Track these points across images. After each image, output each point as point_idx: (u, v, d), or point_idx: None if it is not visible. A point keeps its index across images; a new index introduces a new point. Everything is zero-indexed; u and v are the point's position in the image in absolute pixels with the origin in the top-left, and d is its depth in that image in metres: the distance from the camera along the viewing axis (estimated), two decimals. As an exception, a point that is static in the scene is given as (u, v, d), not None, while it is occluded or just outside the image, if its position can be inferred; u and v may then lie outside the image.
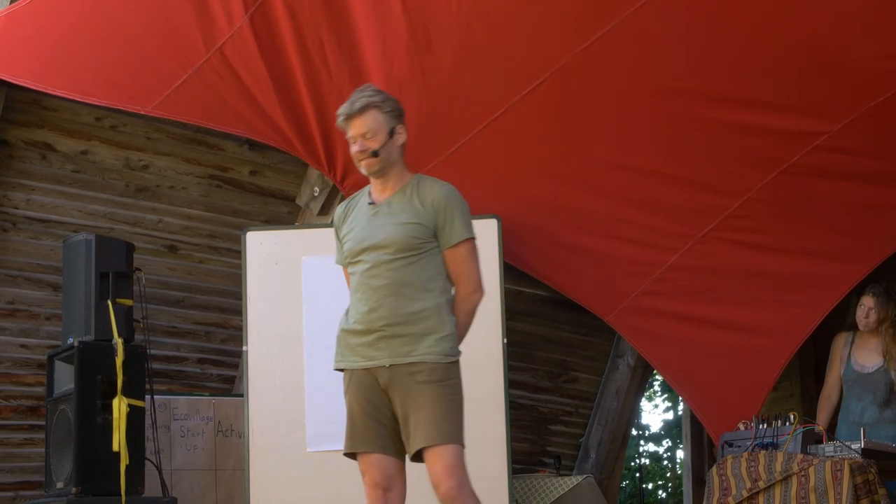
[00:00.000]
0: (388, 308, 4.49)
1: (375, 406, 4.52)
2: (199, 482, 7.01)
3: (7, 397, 6.92)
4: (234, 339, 7.47)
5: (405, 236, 4.53)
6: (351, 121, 4.59)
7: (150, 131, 7.09)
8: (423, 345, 4.48)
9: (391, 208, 4.60)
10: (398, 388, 4.48)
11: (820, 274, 7.74)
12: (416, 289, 4.52)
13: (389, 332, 4.49)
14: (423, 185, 4.65)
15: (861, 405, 7.03)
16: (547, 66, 6.53)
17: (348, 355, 4.58)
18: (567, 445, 8.95)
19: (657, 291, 7.79)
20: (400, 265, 4.52)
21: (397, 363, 4.48)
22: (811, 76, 6.54)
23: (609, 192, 7.34)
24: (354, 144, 4.60)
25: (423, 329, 4.49)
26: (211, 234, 7.44)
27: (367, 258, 4.55)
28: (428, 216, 4.58)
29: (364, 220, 4.63)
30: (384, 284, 4.50)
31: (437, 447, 4.42)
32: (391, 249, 4.52)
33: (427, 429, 4.43)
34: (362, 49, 6.42)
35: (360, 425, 4.54)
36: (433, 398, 4.45)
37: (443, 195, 4.61)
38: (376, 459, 4.53)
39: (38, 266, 6.91)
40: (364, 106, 4.58)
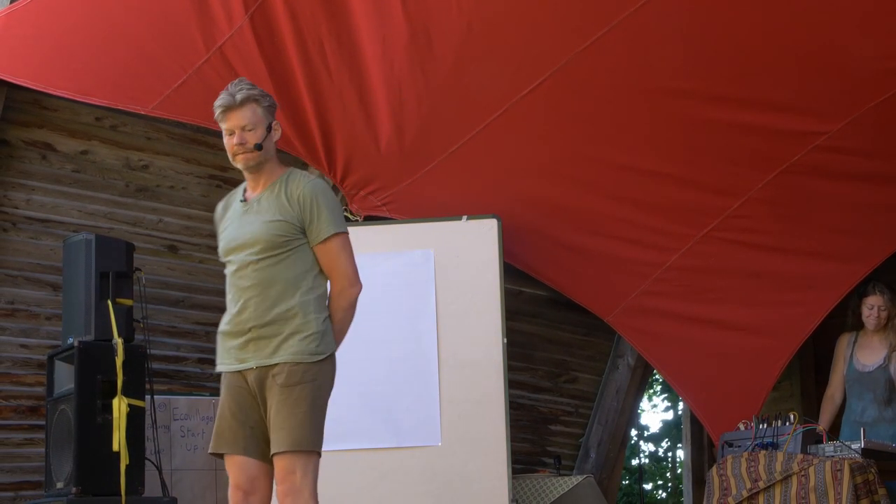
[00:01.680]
0: (254, 309, 4.45)
1: (242, 408, 4.49)
2: (199, 482, 7.01)
3: (7, 397, 6.92)
4: (234, 339, 7.46)
5: (270, 234, 4.48)
6: (230, 113, 4.52)
7: (151, 131, 7.10)
8: (286, 345, 4.44)
9: (260, 206, 4.56)
10: (265, 390, 4.46)
11: (820, 274, 7.74)
12: (281, 288, 4.47)
13: (256, 333, 4.45)
14: (292, 180, 4.59)
15: (861, 404, 7.04)
16: (547, 65, 6.52)
17: (223, 357, 4.55)
18: (567, 445, 8.95)
19: (657, 291, 7.79)
20: (266, 264, 4.47)
21: (262, 365, 4.45)
22: (811, 76, 6.54)
23: (609, 192, 7.33)
24: (232, 137, 4.53)
25: (289, 329, 4.45)
26: (211, 234, 7.39)
27: (236, 258, 4.52)
28: (294, 212, 4.52)
29: (236, 219, 4.60)
30: (250, 285, 4.47)
31: (283, 454, 4.40)
32: (256, 248, 4.48)
33: (278, 435, 4.41)
34: (362, 49, 6.41)
35: (225, 427, 4.50)
36: (287, 402, 4.41)
37: (308, 190, 4.54)
38: (239, 461, 4.49)
39: (39, 266, 6.91)
40: (245, 98, 4.52)
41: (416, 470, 6.43)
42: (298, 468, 4.39)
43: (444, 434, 6.67)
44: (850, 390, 7.16)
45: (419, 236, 6.89)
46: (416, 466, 6.46)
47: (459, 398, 6.69)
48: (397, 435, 6.53)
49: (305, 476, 4.41)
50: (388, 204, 7.20)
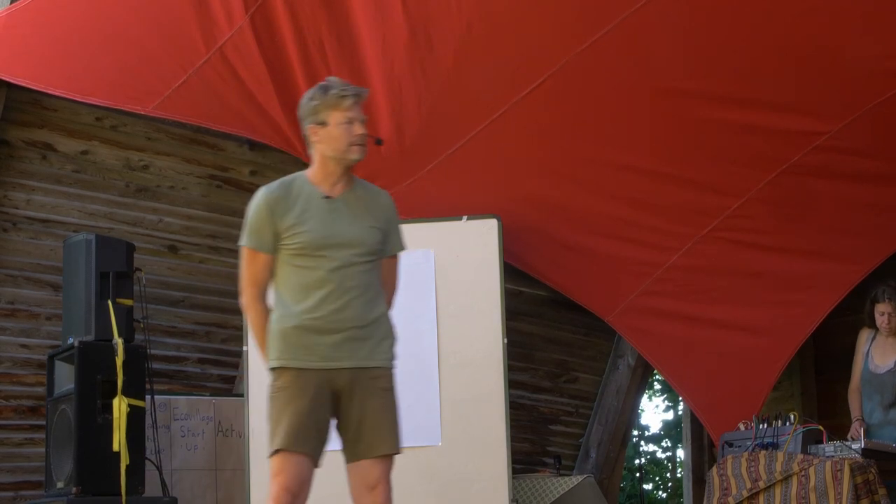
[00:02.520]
0: (357, 309, 4.45)
1: (318, 409, 4.44)
2: (199, 482, 7.01)
3: (7, 397, 6.91)
4: (235, 339, 7.46)
5: (372, 240, 4.52)
6: (358, 105, 4.53)
7: (151, 131, 7.10)
8: (381, 349, 4.50)
9: (349, 206, 4.53)
10: (357, 392, 4.45)
11: (820, 274, 7.75)
12: (375, 293, 4.52)
13: (355, 334, 4.45)
14: (371, 188, 4.66)
15: (870, 405, 7.01)
16: (547, 66, 6.53)
17: (300, 354, 4.45)
18: (567, 445, 8.95)
19: (657, 291, 7.80)
20: (366, 268, 4.49)
21: (359, 366, 4.45)
22: (811, 76, 6.54)
23: (609, 192, 7.34)
24: (353, 125, 4.50)
25: (381, 333, 4.51)
26: (211, 234, 7.44)
27: (336, 255, 4.46)
28: (382, 222, 4.58)
29: (321, 214, 4.51)
30: (355, 285, 4.45)
31: (389, 456, 4.49)
32: (360, 250, 4.49)
33: (389, 437, 4.47)
34: (362, 49, 6.42)
35: (302, 425, 4.42)
36: (391, 406, 4.51)
37: (391, 204, 4.65)
38: (300, 462, 4.42)
39: (39, 266, 6.91)
40: (365, 95, 4.57)
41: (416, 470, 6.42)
42: (391, 469, 4.52)
43: (444, 434, 6.68)
44: (863, 390, 7.12)
45: (419, 236, 6.87)
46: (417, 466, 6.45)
47: (460, 398, 6.69)
48: (397, 435, 6.53)
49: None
50: (387, 204, 7.20)
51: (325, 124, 4.51)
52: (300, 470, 4.43)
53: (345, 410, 4.48)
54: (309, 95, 4.57)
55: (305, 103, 4.56)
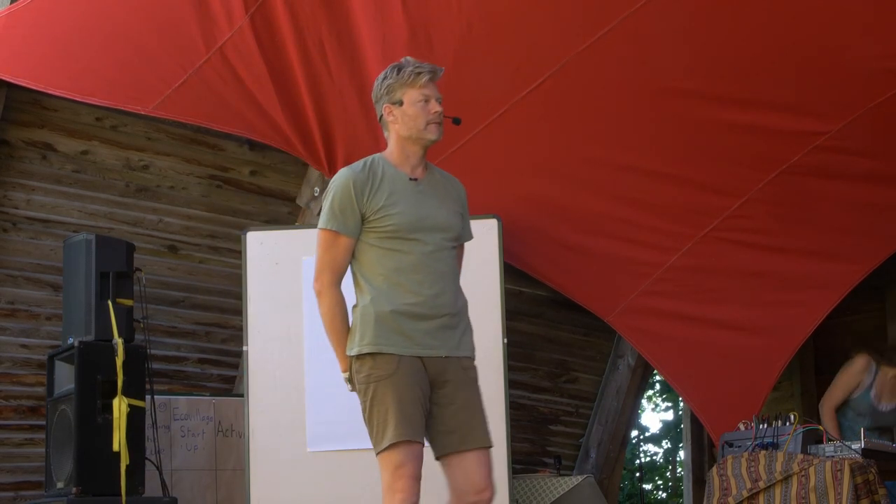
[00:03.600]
0: (451, 295, 4.36)
1: (424, 396, 4.31)
2: (199, 482, 7.01)
3: (7, 397, 6.92)
4: (235, 339, 7.47)
5: (458, 226, 4.46)
6: (432, 82, 4.45)
7: (151, 131, 7.10)
8: (466, 339, 4.41)
9: (434, 190, 4.44)
10: (451, 381, 4.34)
11: (820, 274, 7.75)
12: (458, 280, 4.45)
13: (448, 321, 4.34)
14: (445, 174, 4.56)
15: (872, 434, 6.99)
16: (547, 66, 6.53)
17: (399, 339, 4.30)
18: (567, 445, 8.95)
19: (657, 291, 7.80)
20: (453, 254, 4.43)
21: (452, 355, 4.35)
22: (811, 76, 6.55)
23: (609, 192, 7.34)
24: (430, 103, 4.44)
25: (465, 322, 4.43)
26: (211, 234, 7.44)
27: (428, 238, 4.34)
28: (461, 209, 4.52)
29: (411, 196, 4.39)
30: (447, 270, 4.37)
31: (487, 450, 4.37)
32: (449, 234, 4.40)
33: (483, 428, 4.37)
34: (363, 49, 6.42)
35: (412, 413, 4.26)
36: (479, 398, 4.42)
37: (465, 192, 4.57)
38: (419, 451, 4.26)
39: (39, 266, 6.91)
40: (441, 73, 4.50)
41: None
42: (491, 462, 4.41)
43: (444, 434, 6.67)
44: (859, 417, 7.09)
45: (419, 236, 6.88)
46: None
47: (460, 398, 6.68)
48: (397, 435, 6.52)
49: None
50: (388, 204, 7.19)
51: (400, 103, 4.43)
52: (420, 459, 4.27)
53: (437, 401, 4.34)
54: (383, 76, 4.48)
55: (379, 84, 4.47)
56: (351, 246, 4.40)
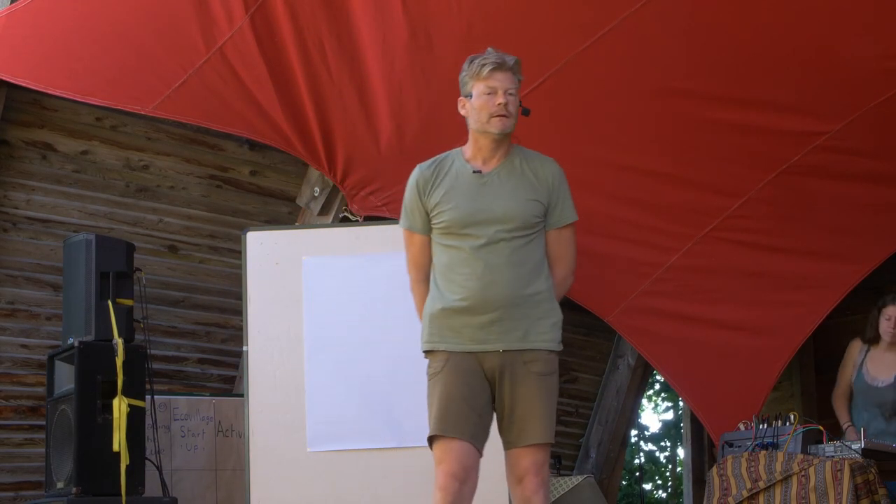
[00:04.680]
0: (506, 287, 4.27)
1: (475, 393, 4.29)
2: (199, 482, 7.01)
3: (7, 397, 6.92)
4: (235, 339, 7.47)
5: (527, 213, 4.35)
6: (499, 72, 4.36)
7: (151, 131, 7.10)
8: (538, 330, 4.31)
9: (502, 180, 4.39)
10: (508, 376, 4.29)
11: (820, 274, 7.75)
12: (531, 269, 4.34)
13: (506, 314, 4.28)
14: (532, 158, 4.49)
15: (868, 415, 7.02)
16: (547, 66, 6.53)
17: (448, 336, 4.33)
18: (567, 445, 8.96)
19: (657, 291, 7.79)
20: (519, 244, 4.32)
21: (510, 349, 4.28)
22: (812, 76, 6.54)
23: (609, 192, 7.33)
24: (495, 96, 4.37)
25: (538, 313, 4.32)
26: (211, 235, 7.44)
27: (481, 232, 4.31)
28: (544, 193, 4.42)
29: (470, 190, 4.38)
30: (503, 262, 4.29)
31: (540, 446, 4.30)
32: (510, 225, 4.32)
33: (540, 425, 4.28)
34: (363, 49, 6.41)
35: (455, 410, 4.27)
36: (546, 392, 4.32)
37: (558, 172, 4.49)
38: (460, 447, 4.26)
39: (39, 266, 6.92)
40: (515, 63, 4.40)
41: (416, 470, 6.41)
42: (548, 460, 4.34)
43: (444, 433, 6.66)
44: (857, 399, 7.14)
45: (419, 236, 6.89)
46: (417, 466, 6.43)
47: (460, 398, 6.68)
48: (398, 435, 6.52)
49: (547, 467, 4.36)
50: (388, 204, 7.19)
51: (470, 96, 4.44)
52: (462, 456, 4.27)
53: (498, 396, 4.32)
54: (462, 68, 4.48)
55: (460, 77, 4.48)
56: (425, 242, 4.46)
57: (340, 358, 6.37)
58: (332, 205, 7.31)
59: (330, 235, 6.83)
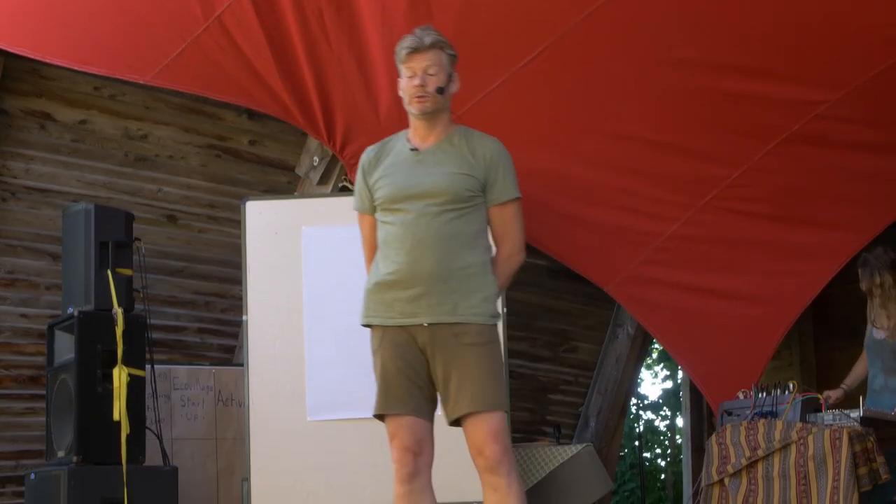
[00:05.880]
0: (433, 261, 4.29)
1: (411, 366, 4.33)
2: (199, 451, 7.03)
3: (7, 367, 6.93)
4: (234, 309, 7.47)
5: (457, 187, 4.35)
6: (416, 54, 4.42)
7: (149, 101, 7.08)
8: (467, 304, 4.30)
9: (437, 157, 4.42)
10: (440, 349, 4.30)
11: (820, 243, 7.74)
12: (462, 243, 4.33)
13: (434, 287, 4.29)
14: (473, 136, 4.49)
15: (873, 371, 7.05)
16: (546, 35, 6.50)
17: (382, 311, 4.38)
18: (567, 414, 8.97)
19: (657, 261, 7.79)
20: (448, 217, 4.33)
21: (439, 322, 4.29)
22: (812, 45, 6.52)
23: (609, 162, 7.32)
24: (413, 78, 4.42)
25: (469, 286, 4.31)
26: (210, 204, 7.44)
27: (411, 207, 4.35)
28: (479, 169, 4.40)
29: (406, 167, 4.42)
30: (430, 236, 4.31)
31: (482, 413, 4.26)
32: (440, 199, 4.33)
33: (473, 394, 4.26)
34: (361, 18, 6.39)
35: (394, 385, 4.34)
36: (478, 362, 4.29)
37: (495, 149, 4.46)
38: (408, 422, 4.33)
39: (38, 235, 6.91)
40: (433, 42, 4.44)
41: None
42: (505, 427, 4.32)
43: (443, 403, 6.68)
44: (868, 356, 7.16)
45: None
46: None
47: (459, 367, 6.68)
48: (398, 404, 6.54)
49: (509, 436, 4.36)
50: (387, 174, 7.18)
51: (401, 78, 4.50)
52: (413, 429, 4.32)
53: (432, 370, 4.34)
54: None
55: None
56: (374, 222, 4.52)
57: (340, 327, 6.37)
58: (332, 174, 7.30)
59: (329, 205, 6.83)
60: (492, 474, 4.29)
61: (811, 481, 5.94)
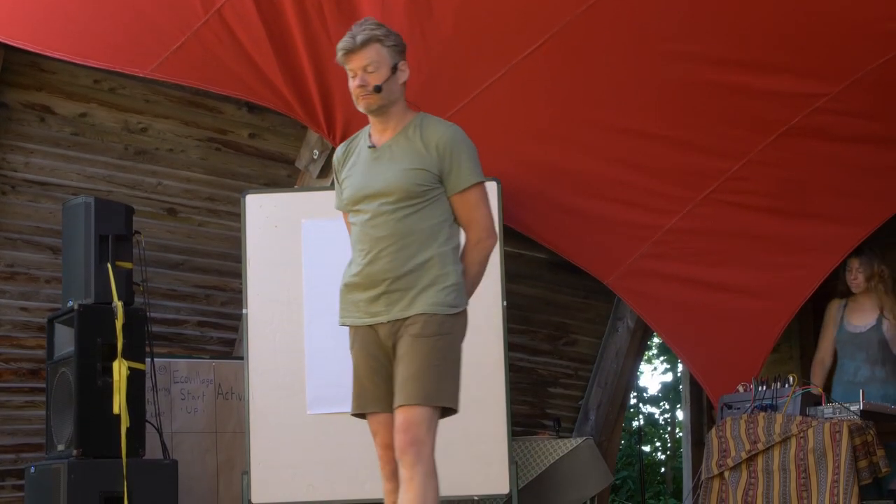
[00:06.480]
0: (390, 261, 4.24)
1: (382, 364, 4.30)
2: (199, 444, 7.03)
3: (7, 360, 6.93)
4: (234, 302, 7.47)
5: (408, 183, 4.26)
6: (351, 55, 4.29)
7: (149, 94, 7.07)
8: (423, 297, 4.24)
9: (392, 152, 4.34)
10: (397, 343, 4.26)
11: (819, 236, 7.75)
12: (418, 239, 4.26)
13: (391, 286, 4.25)
14: (427, 125, 4.37)
15: (854, 364, 7.09)
16: (546, 28, 6.50)
17: (352, 311, 4.35)
18: (566, 408, 8.97)
19: (657, 254, 7.80)
20: (402, 214, 4.26)
21: (396, 318, 4.26)
22: (812, 38, 6.52)
23: (609, 154, 7.33)
24: (354, 79, 4.32)
25: (426, 281, 4.25)
26: (210, 197, 7.43)
27: (368, 207, 4.30)
28: (432, 160, 4.30)
29: (364, 165, 4.37)
30: (386, 235, 4.25)
31: (404, 407, 4.18)
32: (393, 198, 4.26)
33: (402, 389, 4.20)
34: (361, 11, 6.38)
35: (368, 384, 4.32)
36: (420, 353, 4.20)
37: (448, 137, 4.33)
38: (386, 419, 4.29)
39: (38, 229, 6.91)
40: (367, 39, 4.27)
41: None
42: (425, 420, 4.17)
43: (443, 396, 6.67)
44: (843, 351, 7.23)
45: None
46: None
47: (459, 361, 6.68)
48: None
49: (430, 429, 4.19)
50: (387, 167, 7.18)
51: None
52: (391, 427, 4.24)
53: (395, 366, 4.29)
54: None
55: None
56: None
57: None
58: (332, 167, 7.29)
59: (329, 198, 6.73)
60: (400, 466, 4.21)
61: (811, 474, 5.94)
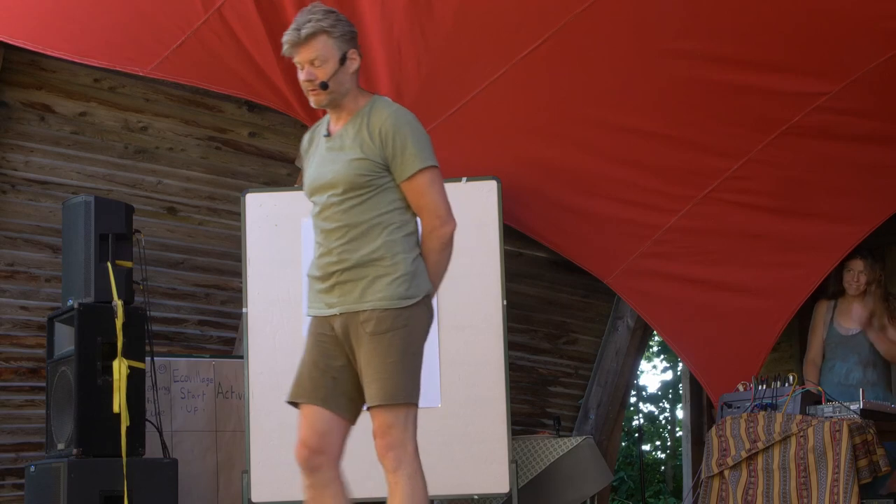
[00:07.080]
0: (339, 253, 4.20)
1: (326, 356, 4.26)
2: (199, 443, 7.03)
3: (7, 359, 6.93)
4: (234, 301, 7.47)
5: (352, 174, 4.18)
6: (297, 48, 4.21)
7: (149, 93, 7.07)
8: (373, 290, 4.17)
9: (343, 141, 4.27)
10: (354, 339, 4.21)
11: (820, 235, 7.75)
12: (366, 230, 4.20)
13: (341, 277, 4.20)
14: (374, 112, 4.26)
15: (846, 366, 7.09)
16: (546, 27, 6.50)
17: (311, 302, 4.33)
18: (566, 407, 8.97)
19: (657, 253, 7.80)
20: (349, 205, 4.20)
21: (348, 311, 4.21)
22: (813, 36, 6.52)
23: (609, 153, 7.32)
24: (301, 72, 4.25)
25: (375, 272, 4.18)
26: (210, 196, 7.43)
27: (319, 199, 4.28)
28: (376, 149, 4.21)
29: (318, 156, 4.34)
30: (335, 227, 4.22)
31: (375, 409, 4.16)
32: (339, 189, 4.21)
33: (370, 389, 4.17)
34: (361, 10, 6.39)
35: (306, 374, 4.27)
36: (381, 352, 4.14)
37: (390, 123, 4.22)
38: (312, 413, 4.24)
39: (38, 228, 6.91)
40: (312, 32, 4.20)
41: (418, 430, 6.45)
42: (398, 422, 4.15)
43: (444, 395, 6.68)
44: (833, 353, 7.22)
45: (419, 198, 6.87)
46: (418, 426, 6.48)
47: (459, 360, 6.69)
48: (397, 395, 6.54)
49: (406, 429, 4.17)
50: (386, 165, 7.18)
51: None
52: (314, 421, 4.24)
53: (352, 360, 4.26)
54: None
55: None
56: None
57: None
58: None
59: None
60: (385, 471, 4.21)
61: (811, 473, 5.94)
